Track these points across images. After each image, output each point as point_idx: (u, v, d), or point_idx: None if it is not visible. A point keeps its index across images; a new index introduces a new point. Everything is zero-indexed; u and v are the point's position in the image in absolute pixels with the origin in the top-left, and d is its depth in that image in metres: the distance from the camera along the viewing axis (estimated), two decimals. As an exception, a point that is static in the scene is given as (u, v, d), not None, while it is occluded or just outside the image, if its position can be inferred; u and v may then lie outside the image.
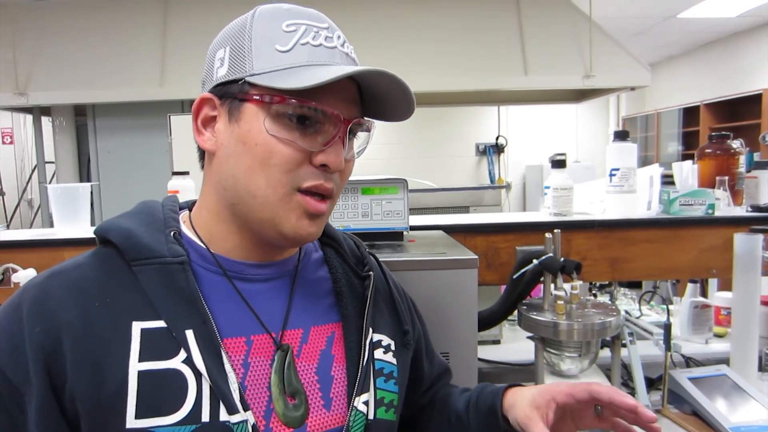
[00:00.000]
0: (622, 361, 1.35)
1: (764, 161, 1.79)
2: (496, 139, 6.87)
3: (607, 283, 2.08)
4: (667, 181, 1.68)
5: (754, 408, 1.23)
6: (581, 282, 1.16)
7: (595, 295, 2.07)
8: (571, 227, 1.48)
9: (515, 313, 1.24)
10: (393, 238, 1.27)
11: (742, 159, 1.71)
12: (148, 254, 0.63)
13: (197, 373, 0.59)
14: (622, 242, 1.50)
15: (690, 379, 1.31)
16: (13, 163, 5.94)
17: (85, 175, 3.56)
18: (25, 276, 1.28)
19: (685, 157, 5.38)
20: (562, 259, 1.15)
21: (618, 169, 1.53)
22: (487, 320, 1.32)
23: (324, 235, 0.77)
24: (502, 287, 1.37)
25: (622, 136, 1.56)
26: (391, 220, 1.26)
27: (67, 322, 0.58)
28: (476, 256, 1.08)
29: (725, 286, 1.82)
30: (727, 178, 1.63)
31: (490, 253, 1.46)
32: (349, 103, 0.65)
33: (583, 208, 1.67)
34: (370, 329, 0.73)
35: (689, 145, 6.19)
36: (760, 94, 5.17)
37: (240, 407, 0.59)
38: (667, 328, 1.29)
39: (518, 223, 1.53)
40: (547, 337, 1.11)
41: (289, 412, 0.64)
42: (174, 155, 2.60)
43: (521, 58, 3.25)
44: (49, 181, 3.75)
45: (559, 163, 1.59)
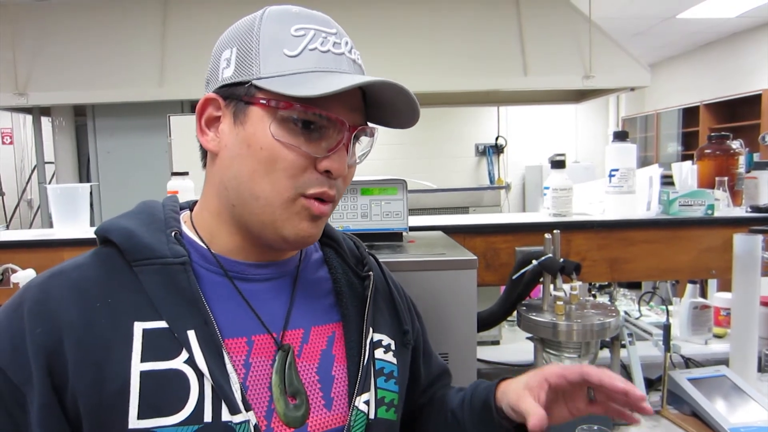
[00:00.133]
0: (622, 361, 1.35)
1: (764, 162, 1.79)
2: (496, 139, 6.87)
3: (607, 283, 2.08)
4: (667, 181, 1.68)
5: (753, 409, 1.23)
6: (580, 283, 1.15)
7: (595, 296, 2.07)
8: (570, 228, 1.48)
9: (514, 313, 1.24)
10: (392, 238, 1.27)
11: (742, 159, 1.71)
12: (150, 254, 0.63)
13: (199, 374, 0.59)
14: (622, 243, 1.50)
15: (689, 380, 1.31)
16: (12, 164, 5.94)
17: (84, 176, 3.56)
18: (24, 276, 1.28)
19: (684, 158, 5.39)
20: (562, 260, 1.15)
21: (617, 170, 1.53)
22: (487, 321, 1.32)
23: (324, 236, 0.77)
24: (502, 288, 1.37)
25: (621, 136, 1.56)
26: (391, 221, 1.26)
27: (69, 323, 0.58)
28: (475, 257, 1.08)
29: (725, 286, 1.82)
30: (726, 178, 1.64)
31: (489, 254, 1.47)
32: (354, 110, 0.65)
33: (583, 209, 1.68)
34: (371, 329, 0.73)
35: (689, 146, 6.20)
36: (760, 95, 5.18)
37: (242, 407, 0.59)
38: (667, 328, 1.29)
39: (518, 223, 1.53)
40: (547, 337, 1.11)
41: (290, 412, 0.64)
42: (173, 155, 2.60)
43: (521, 59, 3.25)
44: (49, 182, 3.75)
45: (558, 164, 1.59)
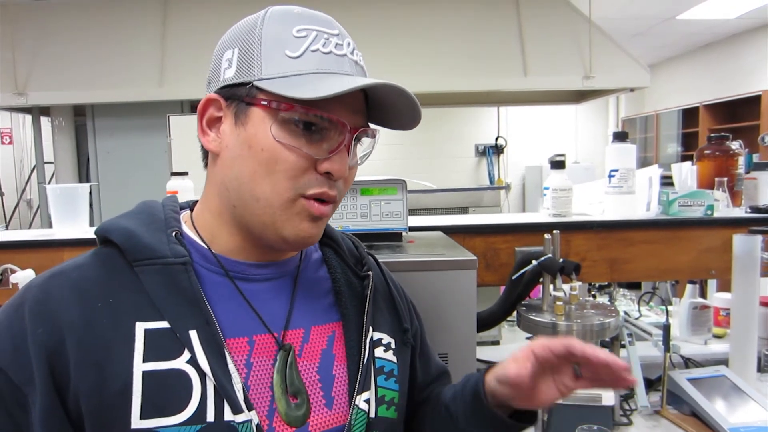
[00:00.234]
0: (621, 362, 1.35)
1: (763, 162, 1.79)
2: (496, 139, 6.87)
3: (606, 284, 2.08)
4: (666, 182, 1.69)
5: (753, 409, 1.24)
6: (580, 283, 1.15)
7: (594, 296, 2.07)
8: (570, 228, 1.48)
9: (514, 313, 1.24)
10: (392, 238, 1.27)
11: (741, 160, 1.71)
12: (150, 254, 0.63)
13: (201, 374, 0.59)
14: (621, 243, 1.50)
15: (689, 380, 1.31)
16: (12, 164, 5.93)
17: (84, 176, 3.56)
18: (23, 277, 1.28)
19: (684, 158, 5.40)
20: (561, 260, 1.15)
21: (617, 170, 1.53)
22: (486, 321, 1.32)
23: (323, 236, 0.77)
24: (501, 288, 1.37)
25: (621, 137, 1.56)
26: (390, 221, 1.26)
27: (70, 323, 0.58)
28: (475, 257, 1.08)
29: (724, 287, 1.82)
30: (726, 179, 1.64)
31: (489, 254, 1.47)
32: (356, 112, 0.65)
33: (583, 209, 1.68)
34: (370, 328, 0.73)
35: (688, 147, 6.19)
36: (759, 96, 5.18)
37: (244, 407, 0.60)
38: (666, 329, 1.29)
39: (517, 224, 1.53)
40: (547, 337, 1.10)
41: (291, 412, 0.64)
42: (173, 155, 2.60)
43: (521, 59, 3.25)
44: (48, 182, 3.75)
45: (558, 164, 1.60)
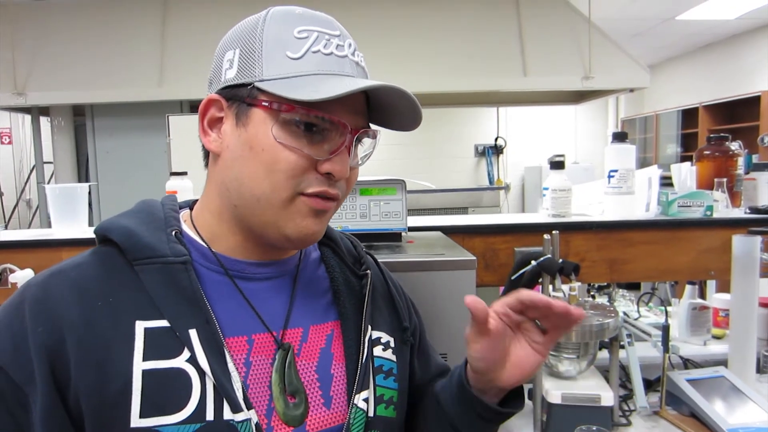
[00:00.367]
0: (621, 362, 1.35)
1: (763, 163, 1.79)
2: (495, 140, 6.87)
3: (606, 284, 2.08)
4: (666, 182, 1.69)
5: (752, 409, 1.23)
6: (580, 283, 1.16)
7: (594, 297, 2.07)
8: (569, 228, 1.48)
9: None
10: (391, 239, 1.27)
11: (741, 161, 1.71)
12: (150, 253, 0.63)
13: (201, 372, 0.59)
14: (621, 243, 1.50)
15: (688, 381, 1.31)
16: (11, 163, 5.93)
17: (83, 176, 3.56)
18: (22, 276, 1.28)
19: (683, 159, 5.39)
20: (561, 261, 1.15)
21: (616, 171, 1.53)
22: (486, 321, 1.31)
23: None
24: (501, 288, 1.37)
25: (620, 137, 1.56)
26: (390, 221, 1.26)
27: (70, 322, 0.58)
28: (474, 257, 1.08)
29: (724, 287, 1.82)
30: (725, 179, 1.64)
31: (488, 254, 1.46)
32: (357, 113, 0.65)
33: (582, 210, 1.67)
34: (369, 327, 0.73)
35: (688, 147, 6.20)
36: (759, 96, 5.18)
37: (244, 406, 0.60)
38: (666, 329, 1.29)
39: (517, 224, 1.53)
40: (546, 338, 1.10)
41: (289, 411, 0.64)
42: (172, 155, 2.60)
43: (520, 60, 3.25)
44: (48, 182, 3.75)
45: (557, 165, 1.60)
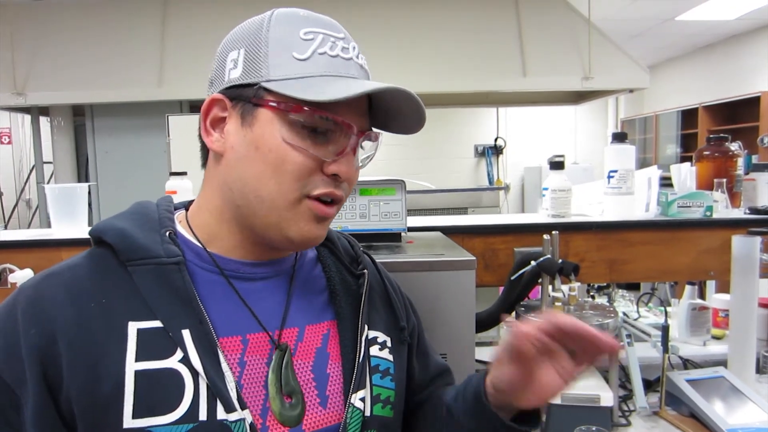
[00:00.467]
0: (620, 362, 1.35)
1: (762, 163, 1.79)
2: (495, 140, 6.87)
3: (605, 284, 2.08)
4: (666, 183, 1.69)
5: (751, 410, 1.23)
6: (579, 283, 1.16)
7: (593, 297, 2.07)
8: (569, 229, 1.48)
9: (513, 314, 1.24)
10: (391, 239, 1.27)
11: (741, 161, 1.71)
12: (144, 254, 0.63)
13: (194, 372, 0.59)
14: (620, 244, 1.50)
15: (688, 381, 1.30)
16: (11, 163, 5.93)
17: (83, 176, 3.56)
18: (22, 276, 1.28)
19: (683, 159, 5.39)
20: (560, 261, 1.16)
21: (616, 171, 1.53)
22: (485, 322, 1.32)
23: None
24: (500, 288, 1.37)
25: (620, 137, 1.56)
26: (389, 221, 1.26)
27: (62, 323, 0.58)
28: (474, 258, 1.08)
29: (723, 288, 1.82)
30: (725, 180, 1.64)
31: (488, 255, 1.46)
32: (361, 115, 0.65)
33: (582, 210, 1.68)
34: (366, 326, 0.73)
35: (687, 148, 6.20)
36: (759, 97, 5.18)
37: (237, 406, 0.59)
38: (665, 330, 1.29)
39: (516, 224, 1.54)
40: (545, 338, 1.10)
41: (286, 411, 0.64)
42: (172, 155, 2.61)
43: (520, 60, 3.25)
44: (47, 182, 3.75)
45: (557, 165, 1.60)
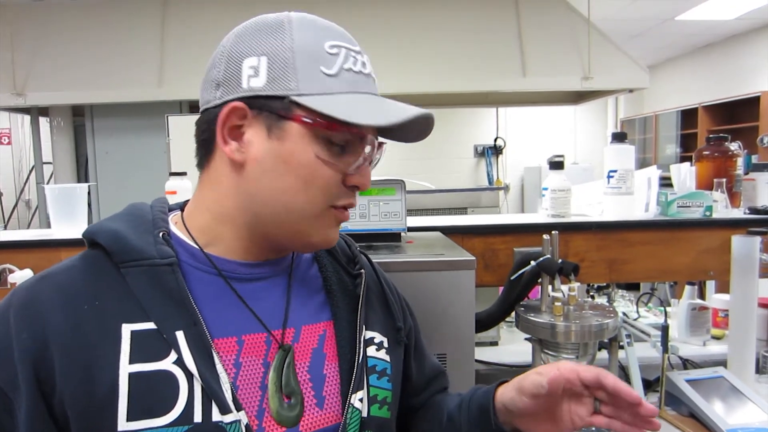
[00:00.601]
0: (620, 362, 1.35)
1: (762, 163, 1.79)
2: (495, 140, 6.87)
3: (605, 284, 2.08)
4: (665, 183, 1.69)
5: (751, 410, 1.23)
6: (579, 284, 1.15)
7: (593, 297, 2.07)
8: (568, 229, 1.48)
9: (513, 314, 1.24)
10: (390, 239, 1.27)
11: (740, 161, 1.71)
12: (137, 256, 0.62)
13: (188, 374, 0.59)
14: (620, 244, 1.50)
15: (687, 381, 1.31)
16: (10, 164, 5.93)
17: (82, 176, 3.56)
18: (21, 277, 1.28)
19: (683, 159, 5.39)
20: (560, 261, 1.15)
21: (616, 171, 1.53)
22: (485, 322, 1.32)
23: None
24: (500, 288, 1.37)
25: (620, 137, 1.56)
26: (389, 221, 1.26)
27: (55, 326, 0.58)
28: (474, 258, 1.08)
29: (723, 288, 1.82)
30: (724, 180, 1.64)
31: (488, 255, 1.46)
32: (375, 128, 0.67)
33: (581, 210, 1.67)
34: (363, 326, 0.73)
35: (687, 147, 6.20)
36: (758, 97, 5.18)
37: (233, 407, 0.59)
38: (665, 329, 1.29)
39: (516, 224, 1.53)
40: (545, 338, 1.10)
41: (284, 411, 0.64)
42: (172, 156, 2.60)
43: (520, 60, 3.25)
44: (47, 182, 3.74)
45: (557, 165, 1.59)
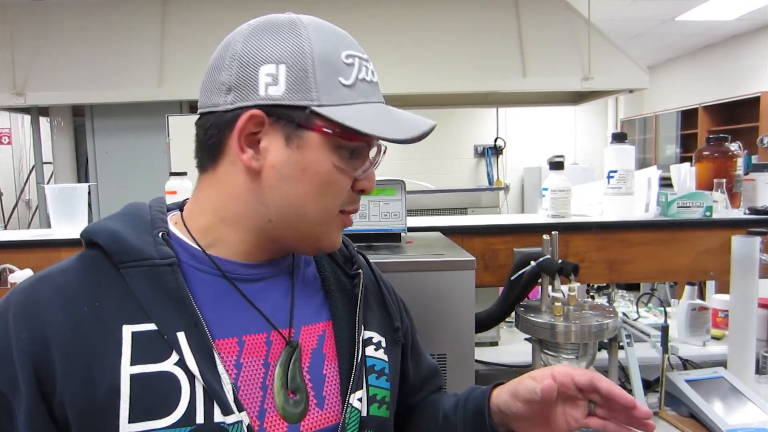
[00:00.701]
0: (620, 363, 1.35)
1: (762, 164, 1.79)
2: (495, 140, 6.87)
3: (605, 285, 2.08)
4: (665, 183, 1.69)
5: (751, 410, 1.23)
6: (579, 284, 1.15)
7: (593, 297, 2.07)
8: (568, 229, 1.48)
9: (513, 314, 1.24)
10: (391, 239, 1.27)
11: (740, 161, 1.71)
12: (137, 256, 0.62)
13: (190, 375, 0.59)
14: (620, 244, 1.50)
15: (687, 382, 1.31)
16: (10, 164, 5.93)
17: (83, 176, 3.56)
18: (21, 276, 1.28)
19: (683, 160, 5.39)
20: (560, 261, 1.15)
21: (616, 171, 1.53)
22: (485, 322, 1.32)
23: None
24: (500, 289, 1.37)
25: (620, 138, 1.56)
26: (389, 222, 1.26)
27: (55, 327, 0.58)
28: (474, 258, 1.08)
29: (723, 288, 1.82)
30: (724, 180, 1.64)
31: (487, 255, 1.46)
32: None
33: (581, 210, 1.67)
34: (362, 326, 0.73)
35: (687, 148, 6.20)
36: (758, 97, 5.18)
37: (234, 408, 0.59)
38: (665, 330, 1.29)
39: (516, 224, 1.53)
40: (545, 338, 1.10)
41: (289, 407, 0.64)
42: (172, 156, 2.60)
43: (520, 60, 3.25)
44: (47, 182, 3.74)
45: (557, 165, 1.59)
